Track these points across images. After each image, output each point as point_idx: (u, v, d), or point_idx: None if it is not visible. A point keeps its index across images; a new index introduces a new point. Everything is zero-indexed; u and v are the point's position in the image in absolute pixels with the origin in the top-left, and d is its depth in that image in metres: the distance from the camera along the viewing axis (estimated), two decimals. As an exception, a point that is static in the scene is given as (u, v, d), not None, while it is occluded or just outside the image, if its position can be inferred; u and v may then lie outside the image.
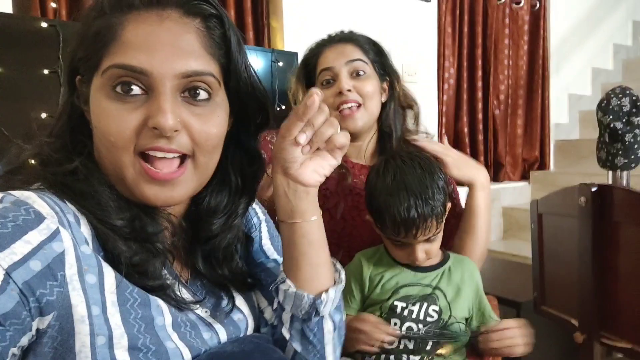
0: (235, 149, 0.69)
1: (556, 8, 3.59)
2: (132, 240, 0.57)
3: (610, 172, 1.85)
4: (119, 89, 0.54)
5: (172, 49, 0.55)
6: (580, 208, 1.52)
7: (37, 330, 0.49)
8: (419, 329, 0.97)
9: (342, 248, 1.17)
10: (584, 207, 1.50)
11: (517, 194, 3.35)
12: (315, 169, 0.64)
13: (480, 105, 3.24)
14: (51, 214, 0.51)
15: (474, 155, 3.21)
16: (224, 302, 0.68)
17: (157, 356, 0.55)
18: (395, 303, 0.98)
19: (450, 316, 0.99)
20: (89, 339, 0.51)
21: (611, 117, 1.75)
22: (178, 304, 0.60)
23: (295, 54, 2.16)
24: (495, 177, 3.36)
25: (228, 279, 0.69)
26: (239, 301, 0.70)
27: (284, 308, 0.69)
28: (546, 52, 3.53)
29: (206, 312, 0.64)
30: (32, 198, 0.52)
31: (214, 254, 0.69)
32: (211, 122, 0.59)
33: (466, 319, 1.03)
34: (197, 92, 0.58)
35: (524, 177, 3.45)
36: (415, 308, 0.98)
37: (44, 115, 1.60)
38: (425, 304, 0.98)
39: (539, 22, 3.51)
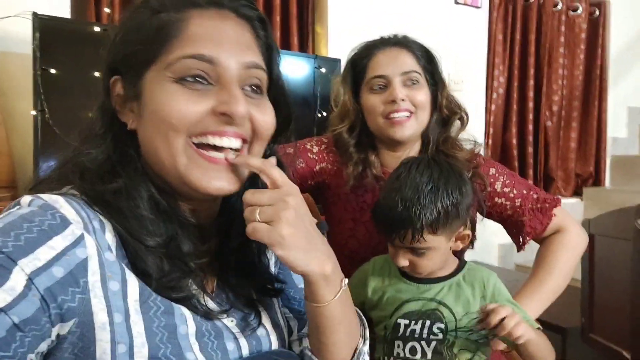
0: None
1: (617, 16, 3.41)
2: (164, 258, 0.57)
3: (672, 193, 1.72)
4: (187, 78, 0.56)
5: (236, 42, 0.58)
6: (636, 231, 1.41)
7: (58, 335, 0.49)
8: (423, 350, 0.92)
9: None
10: (641, 230, 1.39)
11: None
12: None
13: (531, 116, 3.12)
14: (77, 219, 0.52)
15: (522, 168, 3.08)
16: (251, 317, 0.66)
17: None
18: (399, 321, 0.94)
19: (456, 335, 0.92)
20: (109, 346, 0.50)
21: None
22: (205, 314, 0.59)
23: (338, 61, 2.14)
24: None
25: (255, 287, 0.68)
26: (264, 316, 0.68)
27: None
28: (605, 62, 3.36)
29: (232, 321, 0.63)
30: (60, 202, 0.52)
31: (244, 259, 0.68)
32: (267, 113, 0.62)
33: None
34: (253, 86, 0.61)
35: (577, 193, 3.29)
36: (418, 327, 0.93)
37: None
38: (428, 322, 0.93)
39: (598, 30, 3.34)
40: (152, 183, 0.59)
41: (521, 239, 1.18)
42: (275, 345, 0.67)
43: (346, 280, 0.66)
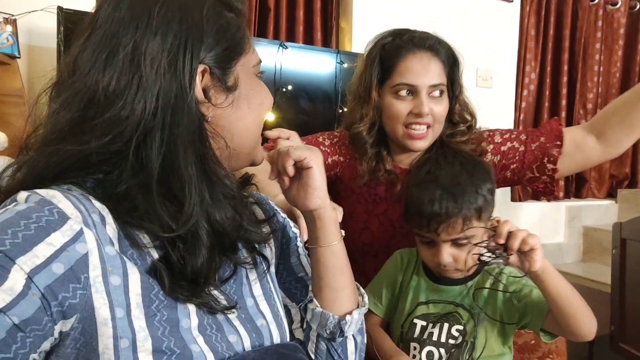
0: None
1: (660, 9, 3.24)
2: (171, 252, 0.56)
3: None
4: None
5: None
6: (672, 236, 1.33)
7: (60, 332, 0.49)
8: (440, 355, 0.89)
9: (391, 255, 1.11)
10: (678, 235, 1.31)
11: (602, 213, 3.06)
12: (306, 193, 0.69)
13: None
14: (75, 213, 0.51)
15: (553, 168, 2.98)
16: (251, 301, 0.65)
17: (181, 359, 0.53)
18: (415, 321, 0.93)
19: (475, 337, 0.89)
20: (112, 341, 0.50)
21: None
22: (211, 310, 0.59)
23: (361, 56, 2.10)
24: (578, 194, 3.11)
25: (252, 237, 0.67)
26: (263, 306, 0.68)
27: (310, 327, 0.72)
28: (645, 58, 3.20)
29: (234, 312, 0.62)
30: (57, 197, 0.51)
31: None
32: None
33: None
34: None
35: (611, 195, 3.16)
36: (436, 330, 0.91)
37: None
38: (446, 325, 0.90)
39: (638, 24, 3.19)
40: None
41: (547, 170, 1.08)
42: (275, 335, 0.66)
43: (342, 233, 0.74)
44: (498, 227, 0.81)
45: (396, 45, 1.08)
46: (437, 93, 1.06)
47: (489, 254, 0.83)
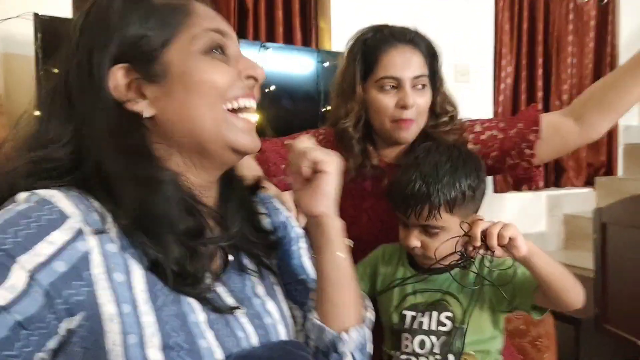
0: None
1: (626, 3, 3.34)
2: (181, 244, 0.56)
3: (686, 180, 1.68)
4: (212, 51, 0.59)
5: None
6: (649, 218, 1.38)
7: (68, 330, 0.49)
8: (432, 343, 0.90)
9: None
10: (655, 217, 1.36)
11: (581, 200, 3.14)
12: (313, 196, 0.66)
13: (540, 106, 2.99)
14: (75, 212, 0.51)
15: (532, 159, 3.04)
16: (258, 300, 0.65)
17: (190, 355, 0.53)
18: (404, 312, 0.94)
19: (464, 322, 0.90)
20: (119, 337, 0.50)
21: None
22: (216, 309, 0.58)
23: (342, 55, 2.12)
24: (557, 183, 3.18)
25: (258, 244, 0.69)
26: (270, 305, 0.68)
27: (309, 337, 0.69)
28: (615, 49, 3.29)
29: (241, 309, 0.62)
30: (57, 197, 0.51)
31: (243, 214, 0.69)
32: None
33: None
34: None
35: (589, 183, 3.24)
36: (426, 319, 0.92)
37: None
38: (435, 313, 0.91)
39: (607, 17, 3.28)
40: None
41: (526, 155, 1.09)
42: (282, 334, 0.66)
43: (350, 241, 0.71)
44: (471, 231, 0.82)
45: (377, 40, 1.10)
46: (420, 85, 1.07)
47: (469, 259, 0.87)
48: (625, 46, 3.34)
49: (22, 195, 0.52)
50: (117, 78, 0.56)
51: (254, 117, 0.64)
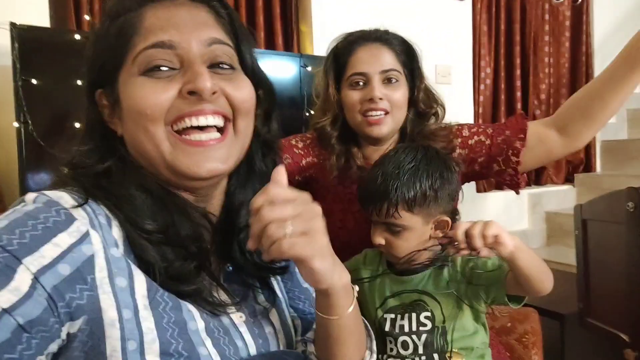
0: (253, 136, 0.68)
1: (600, 2, 3.42)
2: (165, 246, 0.56)
3: (662, 174, 1.73)
4: (152, 69, 0.56)
5: (193, 23, 0.58)
6: (627, 213, 1.42)
7: (68, 334, 0.48)
8: (415, 344, 0.91)
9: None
10: (632, 212, 1.39)
11: (561, 198, 3.20)
12: (304, 275, 0.57)
13: (519, 105, 3.13)
14: (82, 215, 0.51)
15: (513, 157, 3.09)
16: (260, 308, 0.65)
17: None
18: (385, 316, 0.94)
19: (444, 320, 0.91)
20: (119, 343, 0.49)
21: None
22: (214, 308, 0.58)
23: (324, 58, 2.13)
24: (537, 181, 3.24)
25: (265, 268, 0.68)
26: (272, 314, 0.67)
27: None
28: (590, 48, 3.37)
29: (241, 317, 0.62)
30: (65, 198, 0.52)
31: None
32: (242, 86, 0.61)
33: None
34: (221, 64, 0.59)
35: (568, 180, 3.31)
36: (406, 321, 0.92)
37: (77, 125, 1.64)
38: (414, 314, 0.92)
39: (582, 17, 3.36)
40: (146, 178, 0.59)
41: (511, 163, 1.11)
42: (282, 343, 0.66)
43: (357, 288, 0.65)
44: (453, 235, 0.81)
45: (348, 42, 1.13)
46: (391, 79, 1.09)
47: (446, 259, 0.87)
48: (600, 45, 3.43)
49: (31, 196, 0.52)
50: (102, 100, 0.60)
51: (210, 135, 0.57)
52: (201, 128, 0.57)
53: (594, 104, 1.04)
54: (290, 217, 0.51)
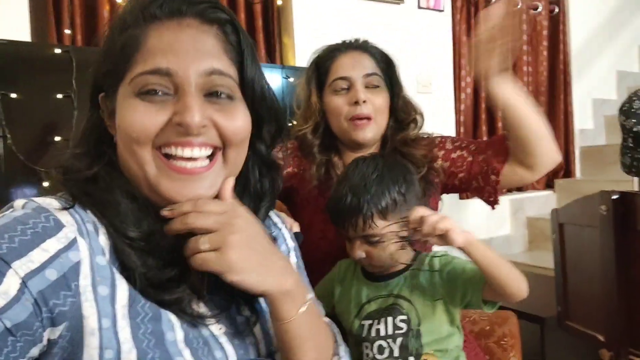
0: (253, 156, 0.68)
1: (576, 12, 3.51)
2: (148, 254, 0.56)
3: (636, 179, 1.77)
4: (147, 92, 0.56)
5: (195, 50, 0.57)
6: (601, 217, 1.45)
7: (49, 340, 0.49)
8: (390, 347, 0.92)
9: None
10: (605, 215, 1.43)
11: (542, 203, 3.25)
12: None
13: (500, 113, 3.17)
14: (71, 222, 0.52)
15: (495, 164, 3.14)
16: (241, 321, 0.65)
17: None
18: (362, 322, 0.95)
19: (419, 323, 0.92)
20: (97, 352, 0.50)
21: (634, 120, 1.67)
22: (193, 319, 0.58)
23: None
24: (519, 187, 3.28)
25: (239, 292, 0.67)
26: (255, 326, 0.67)
27: None
28: (567, 56, 3.45)
29: (220, 329, 0.62)
30: (54, 205, 0.53)
31: None
32: (237, 117, 0.60)
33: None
34: (219, 93, 0.59)
35: (549, 185, 3.35)
36: (382, 326, 0.93)
37: (57, 138, 1.64)
38: (390, 318, 0.94)
39: (559, 26, 3.44)
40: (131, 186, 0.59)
41: (490, 180, 1.13)
42: (263, 353, 0.66)
43: (311, 294, 0.65)
44: (409, 216, 0.84)
45: (328, 50, 1.17)
46: (373, 84, 1.11)
47: (404, 242, 0.89)
48: (576, 53, 3.51)
49: (20, 202, 0.53)
50: (103, 104, 0.61)
51: (197, 164, 0.58)
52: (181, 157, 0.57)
53: (515, 133, 1.04)
54: (211, 228, 0.55)
